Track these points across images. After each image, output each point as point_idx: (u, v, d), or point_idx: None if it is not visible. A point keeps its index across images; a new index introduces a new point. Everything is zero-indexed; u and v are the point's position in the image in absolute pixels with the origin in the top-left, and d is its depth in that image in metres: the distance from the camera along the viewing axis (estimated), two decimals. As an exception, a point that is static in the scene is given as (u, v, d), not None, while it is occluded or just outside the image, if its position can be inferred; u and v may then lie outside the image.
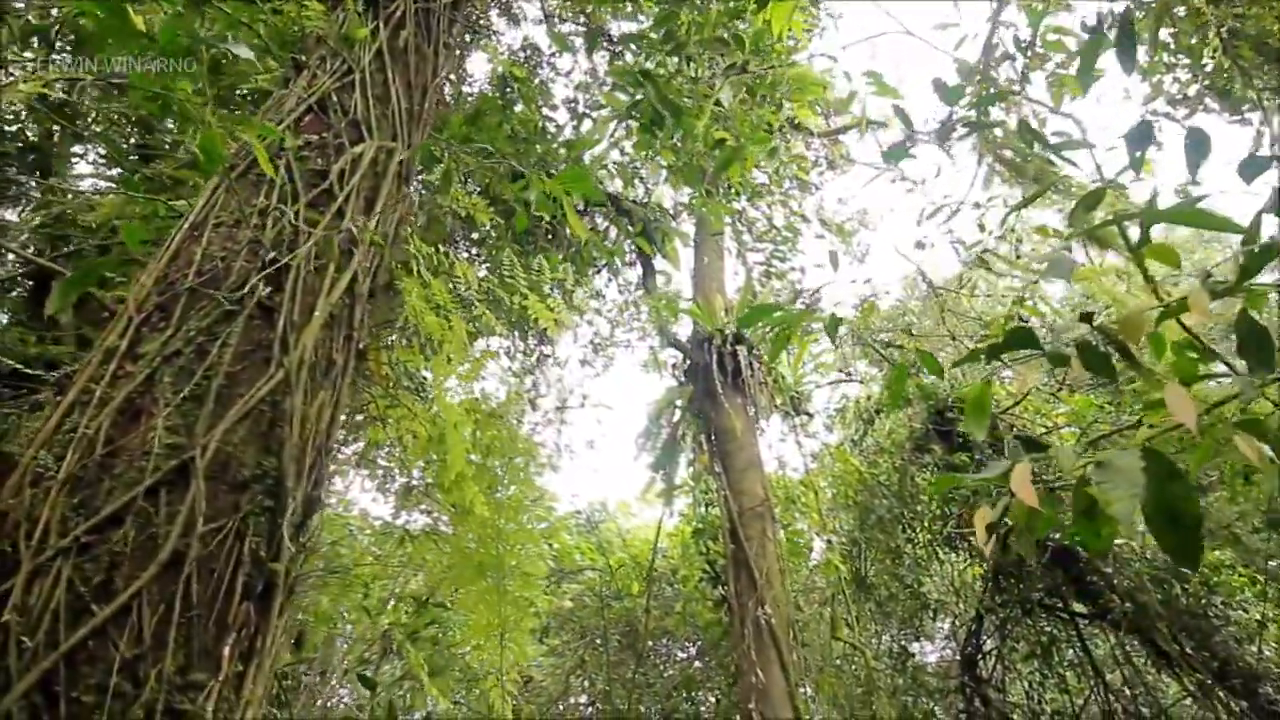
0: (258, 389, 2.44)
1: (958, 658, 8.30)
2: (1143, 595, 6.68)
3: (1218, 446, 1.44)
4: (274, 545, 2.19)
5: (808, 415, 9.15)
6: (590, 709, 10.14)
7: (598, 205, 8.53)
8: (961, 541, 8.11)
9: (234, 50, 2.19)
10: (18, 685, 1.66)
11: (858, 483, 8.78)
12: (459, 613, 6.31)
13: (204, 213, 2.98)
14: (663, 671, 9.93)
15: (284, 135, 3.18)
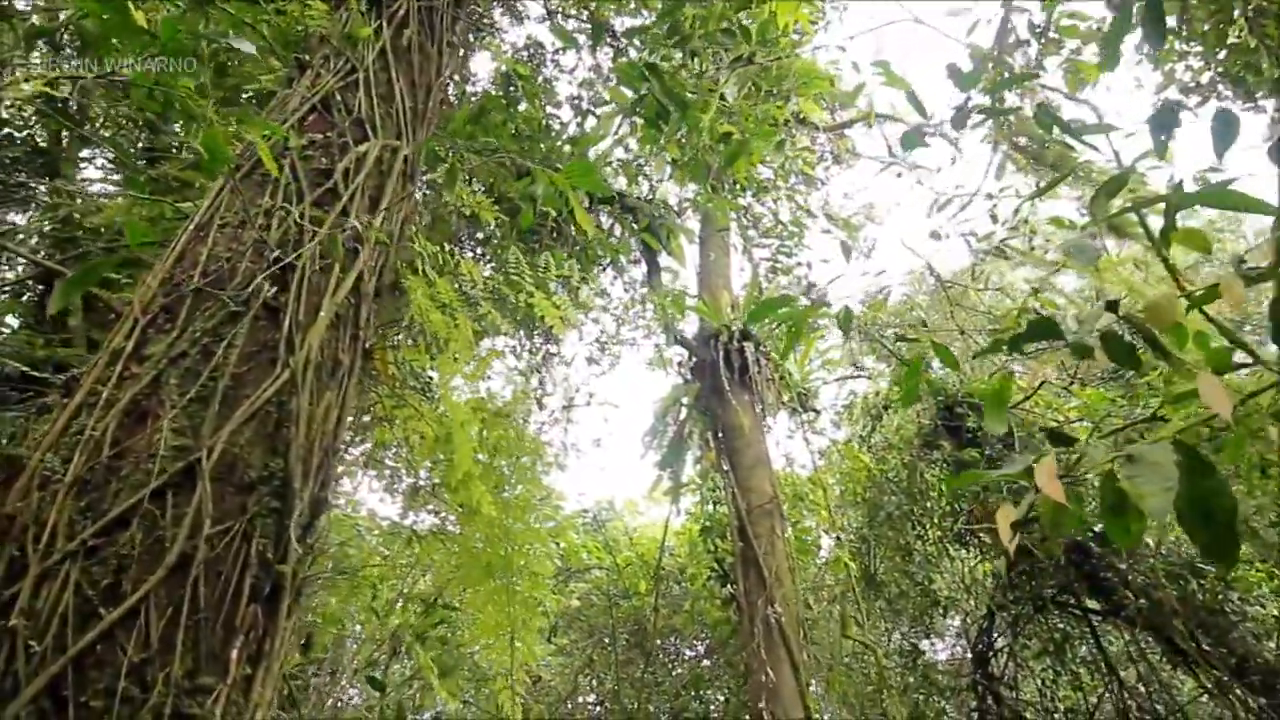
0: (264, 390, 2.42)
1: (969, 655, 8.25)
2: (1158, 591, 6.61)
3: (1251, 438, 1.39)
4: (281, 547, 2.16)
5: (815, 412, 9.10)
6: (599, 708, 10.12)
7: (603, 203, 8.50)
8: (972, 538, 8.05)
9: (236, 46, 2.17)
10: (26, 690, 1.64)
11: (866, 479, 8.74)
12: (467, 613, 6.30)
13: (209, 213, 2.96)
14: (671, 670, 9.90)
15: (288, 135, 3.16)
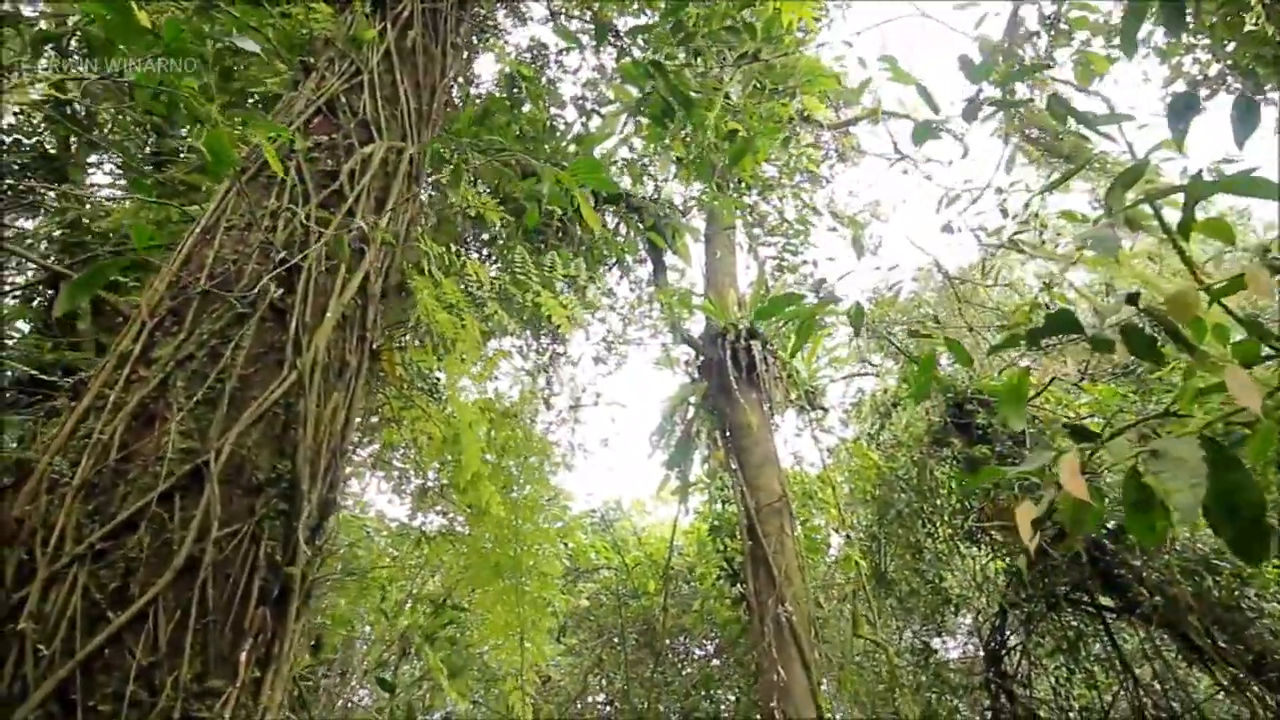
0: (271, 392, 2.41)
1: (981, 654, 8.19)
2: (1172, 588, 6.53)
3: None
4: (290, 549, 2.15)
5: (823, 410, 9.06)
6: (609, 708, 10.11)
7: (609, 202, 8.49)
8: (983, 535, 7.99)
9: (240, 45, 2.16)
10: (34, 694, 1.63)
11: (875, 477, 8.68)
12: (476, 613, 6.29)
13: (215, 216, 2.96)
14: (681, 670, 9.87)
15: (294, 137, 3.15)
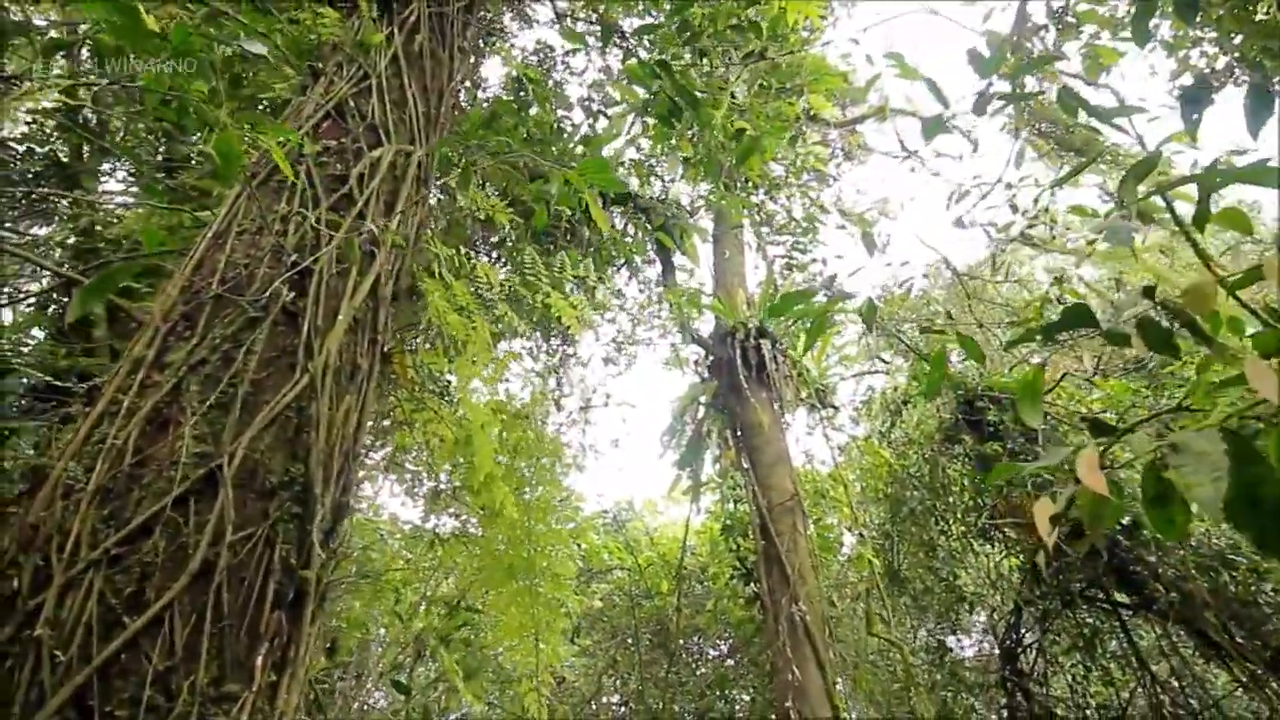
0: (283, 395, 2.42)
1: (997, 652, 8.13)
2: (1189, 583, 6.46)
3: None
4: (304, 552, 2.16)
5: (834, 408, 9.02)
6: (623, 709, 10.10)
7: (616, 203, 8.48)
8: (996, 533, 7.93)
9: (248, 48, 2.17)
10: (51, 701, 1.64)
11: (887, 475, 8.64)
12: (491, 615, 6.30)
13: (227, 220, 2.98)
14: (695, 670, 9.85)
15: (303, 141, 3.17)
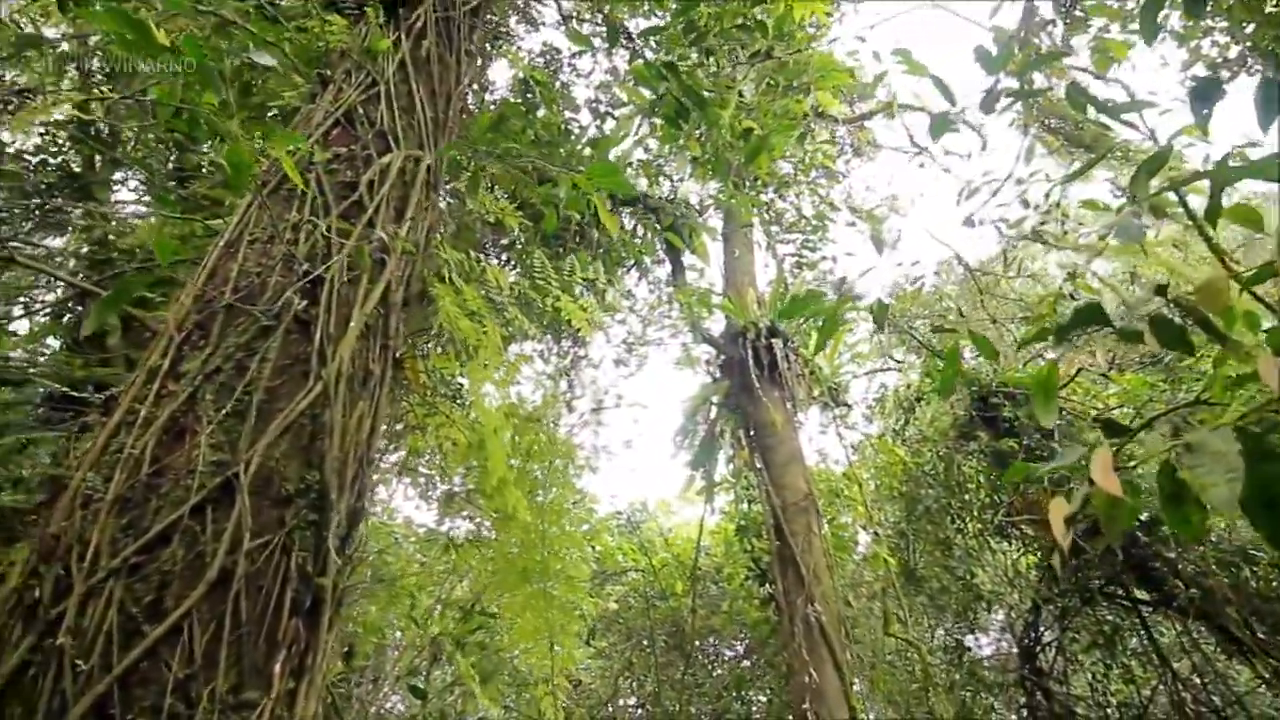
0: (297, 403, 2.44)
1: (1015, 650, 8.06)
2: (1209, 579, 6.38)
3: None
4: (320, 559, 2.18)
5: (847, 406, 8.98)
6: (640, 711, 10.10)
7: (625, 204, 8.49)
8: (1013, 530, 7.87)
9: (257, 60, 2.19)
10: (74, 709, 1.67)
11: (902, 473, 8.59)
12: (506, 618, 6.32)
13: (239, 230, 3.01)
14: (712, 671, 9.83)
15: (313, 149, 3.19)
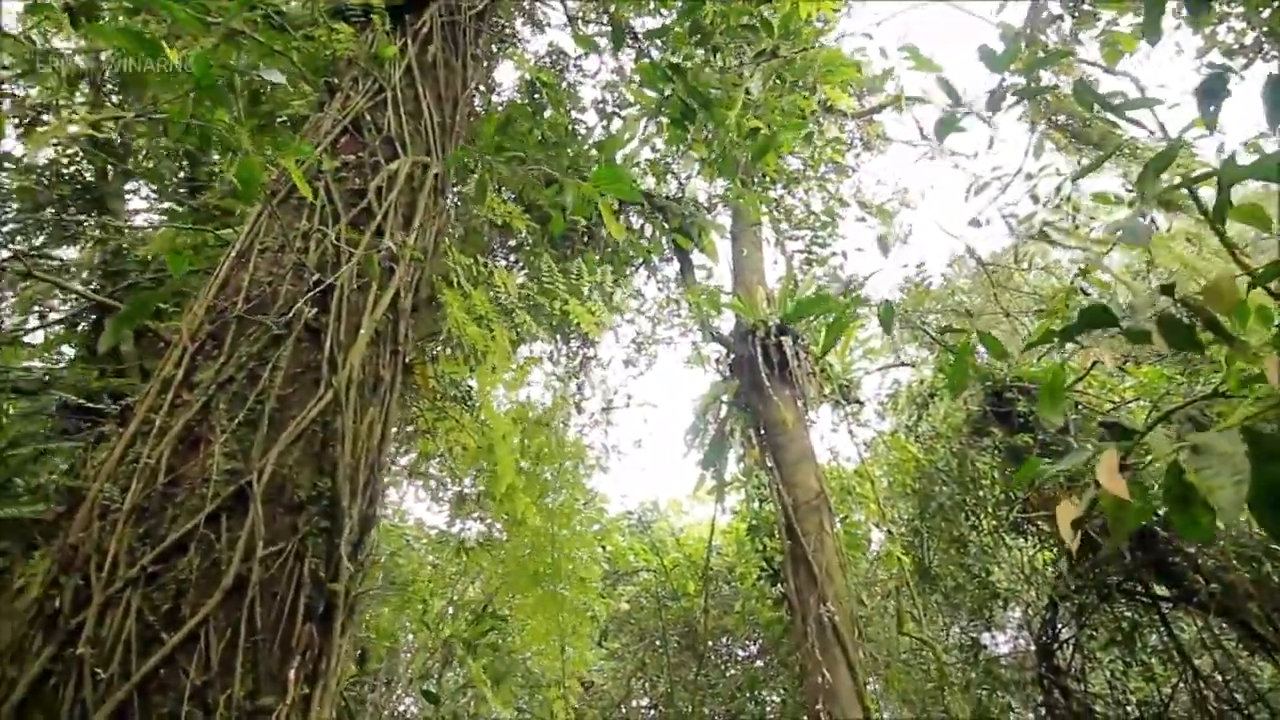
0: (309, 410, 2.47)
1: (1032, 648, 7.98)
2: (1230, 574, 6.30)
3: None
4: (333, 565, 2.20)
5: (858, 403, 8.93)
6: (653, 712, 10.10)
7: (633, 204, 8.49)
8: (1029, 526, 7.79)
9: (266, 77, 2.22)
10: (94, 717, 1.70)
11: (915, 470, 8.53)
12: (518, 620, 6.34)
13: (249, 239, 3.04)
14: (725, 671, 9.82)
15: (321, 158, 3.22)
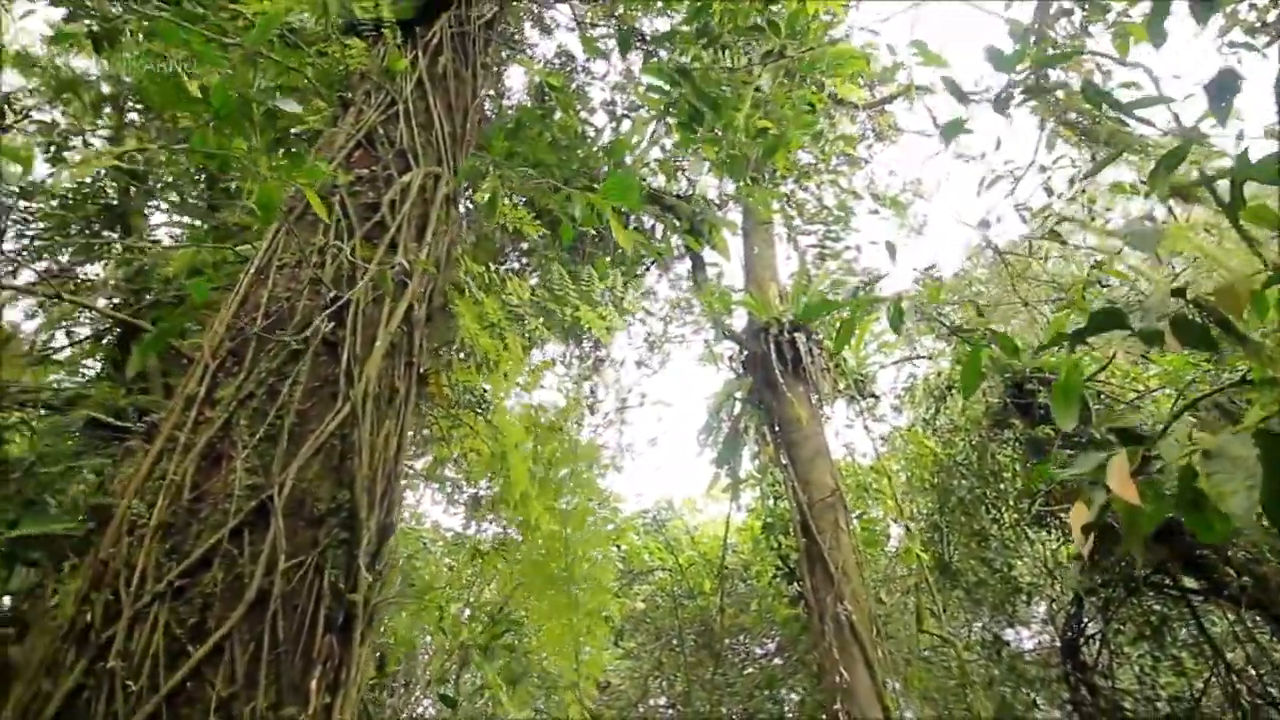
0: (327, 424, 2.52)
1: (1058, 644, 7.89)
2: (1261, 566, 6.18)
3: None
4: (352, 577, 2.25)
5: (874, 398, 8.87)
6: (670, 711, 10.10)
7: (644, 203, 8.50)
8: (1052, 519, 7.70)
9: (282, 106, 2.28)
10: (125, 729, 1.75)
11: (933, 464, 8.46)
12: (534, 622, 6.38)
13: (267, 256, 3.10)
14: (742, 670, 9.80)
15: (335, 174, 3.27)
